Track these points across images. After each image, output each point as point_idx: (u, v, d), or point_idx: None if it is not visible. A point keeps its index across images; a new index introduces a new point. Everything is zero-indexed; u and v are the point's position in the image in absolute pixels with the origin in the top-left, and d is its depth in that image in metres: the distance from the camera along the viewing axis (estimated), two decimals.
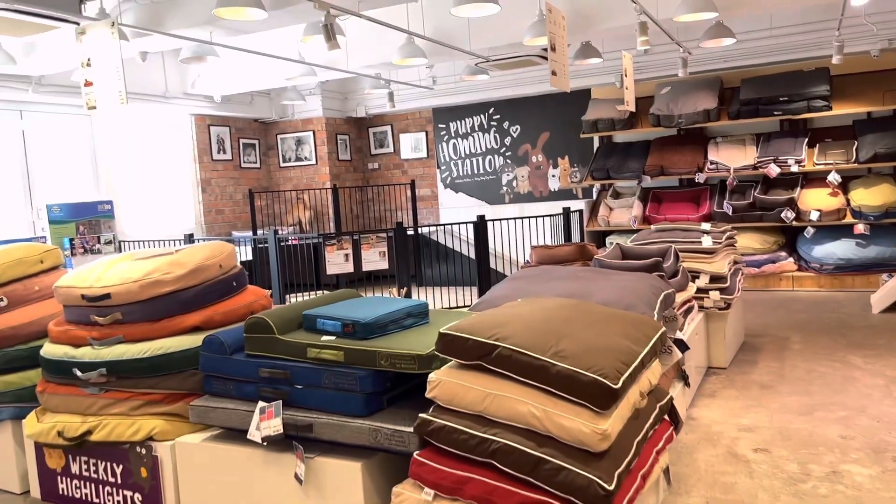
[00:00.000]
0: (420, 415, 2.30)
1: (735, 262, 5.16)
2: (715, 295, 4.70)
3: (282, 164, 10.67)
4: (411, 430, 2.34)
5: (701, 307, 4.73)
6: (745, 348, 5.34)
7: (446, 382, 2.29)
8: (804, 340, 5.48)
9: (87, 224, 7.72)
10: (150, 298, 2.98)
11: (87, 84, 3.55)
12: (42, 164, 7.76)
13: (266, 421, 2.62)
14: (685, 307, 4.21)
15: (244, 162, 10.27)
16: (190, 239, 7.74)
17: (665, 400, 2.65)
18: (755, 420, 3.81)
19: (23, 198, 7.57)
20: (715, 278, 4.76)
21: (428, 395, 2.31)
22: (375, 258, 7.17)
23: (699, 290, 4.72)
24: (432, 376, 2.32)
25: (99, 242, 7.76)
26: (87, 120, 8.22)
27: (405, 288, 6.40)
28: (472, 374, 2.28)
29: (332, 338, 2.64)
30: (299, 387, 2.63)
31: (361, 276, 7.70)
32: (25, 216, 7.60)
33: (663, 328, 2.69)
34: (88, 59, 3.54)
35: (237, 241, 9.36)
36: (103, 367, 2.98)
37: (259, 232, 9.56)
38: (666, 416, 2.73)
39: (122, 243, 8.18)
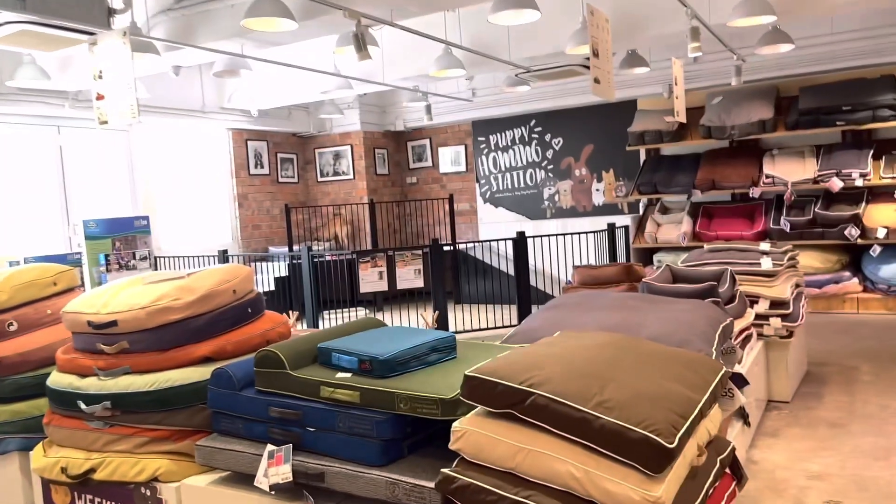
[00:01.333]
0: (442, 470, 2.01)
1: (797, 286, 4.74)
2: (776, 322, 4.30)
3: (319, 179, 10.54)
4: (433, 485, 2.06)
5: (760, 335, 4.33)
6: (809, 379, 4.90)
7: (472, 433, 1.99)
8: (875, 371, 5.01)
9: (122, 240, 7.66)
10: (158, 326, 2.77)
11: (99, 98, 3.38)
12: (79, 180, 7.75)
13: (275, 467, 2.37)
14: (743, 336, 3.83)
15: (282, 177, 10.17)
16: (223, 255, 7.62)
17: (726, 452, 2.30)
18: (825, 465, 3.41)
19: (59, 213, 7.57)
20: (776, 303, 4.36)
21: (451, 446, 2.03)
22: (411, 276, 6.92)
23: (758, 317, 4.32)
24: (456, 425, 2.03)
25: (134, 258, 7.70)
26: (125, 135, 8.21)
27: (437, 311, 6.12)
28: (503, 425, 1.98)
29: (348, 375, 2.37)
30: (311, 429, 2.37)
31: (396, 293, 7.45)
32: (62, 232, 7.59)
33: (724, 369, 2.35)
34: (100, 72, 3.38)
35: (273, 256, 9.24)
36: (108, 401, 2.77)
37: (295, 248, 9.42)
38: (727, 470, 2.38)
39: (157, 259, 8.12)
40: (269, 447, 2.40)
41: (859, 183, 7.23)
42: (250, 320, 3.02)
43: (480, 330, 7.24)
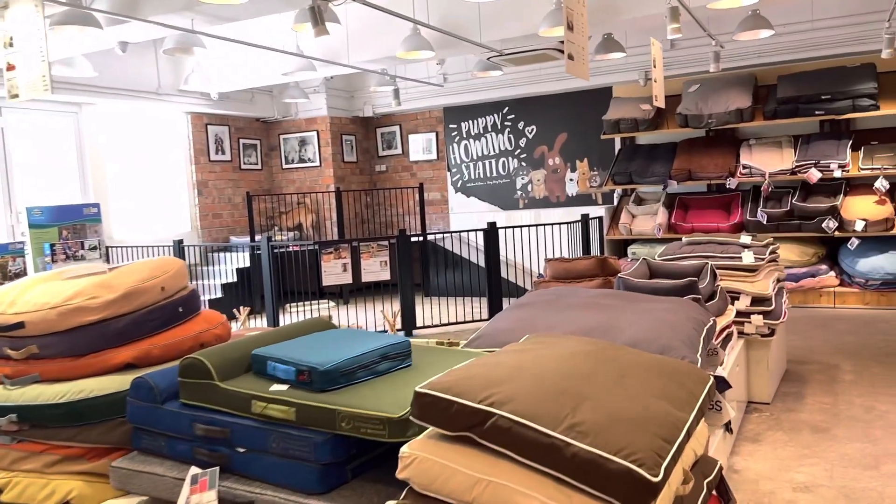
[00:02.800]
0: (387, 503, 1.71)
1: (779, 281, 4.52)
2: (757, 319, 4.06)
3: (284, 166, 10.14)
4: None
5: (741, 333, 4.10)
6: (789, 378, 4.69)
7: (424, 460, 1.69)
8: (856, 369, 4.82)
9: (70, 228, 7.22)
10: (72, 329, 2.43)
11: (10, 68, 3.00)
12: (23, 164, 7.28)
13: (198, 494, 2.05)
14: (723, 335, 3.59)
15: (244, 163, 9.75)
16: (179, 246, 7.22)
17: (713, 474, 2.04)
18: (812, 475, 3.18)
19: (1, 200, 7.09)
20: (757, 300, 4.13)
21: (399, 475, 1.72)
22: (376, 268, 6.60)
23: (739, 314, 4.08)
24: (405, 450, 1.73)
25: (83, 248, 7.26)
26: (73, 117, 7.74)
27: (401, 308, 5.80)
28: (459, 450, 1.69)
29: (284, 387, 2.06)
30: (241, 450, 2.06)
31: (361, 286, 7.12)
32: (4, 220, 7.12)
33: (711, 380, 2.08)
34: (11, 39, 2.99)
35: (233, 247, 8.85)
36: (13, 413, 2.43)
37: (257, 237, 9.02)
38: (714, 492, 2.12)
39: (109, 249, 7.68)
40: (193, 470, 2.08)
41: (838, 174, 7.06)
42: (182, 321, 2.69)
43: (448, 324, 6.96)
